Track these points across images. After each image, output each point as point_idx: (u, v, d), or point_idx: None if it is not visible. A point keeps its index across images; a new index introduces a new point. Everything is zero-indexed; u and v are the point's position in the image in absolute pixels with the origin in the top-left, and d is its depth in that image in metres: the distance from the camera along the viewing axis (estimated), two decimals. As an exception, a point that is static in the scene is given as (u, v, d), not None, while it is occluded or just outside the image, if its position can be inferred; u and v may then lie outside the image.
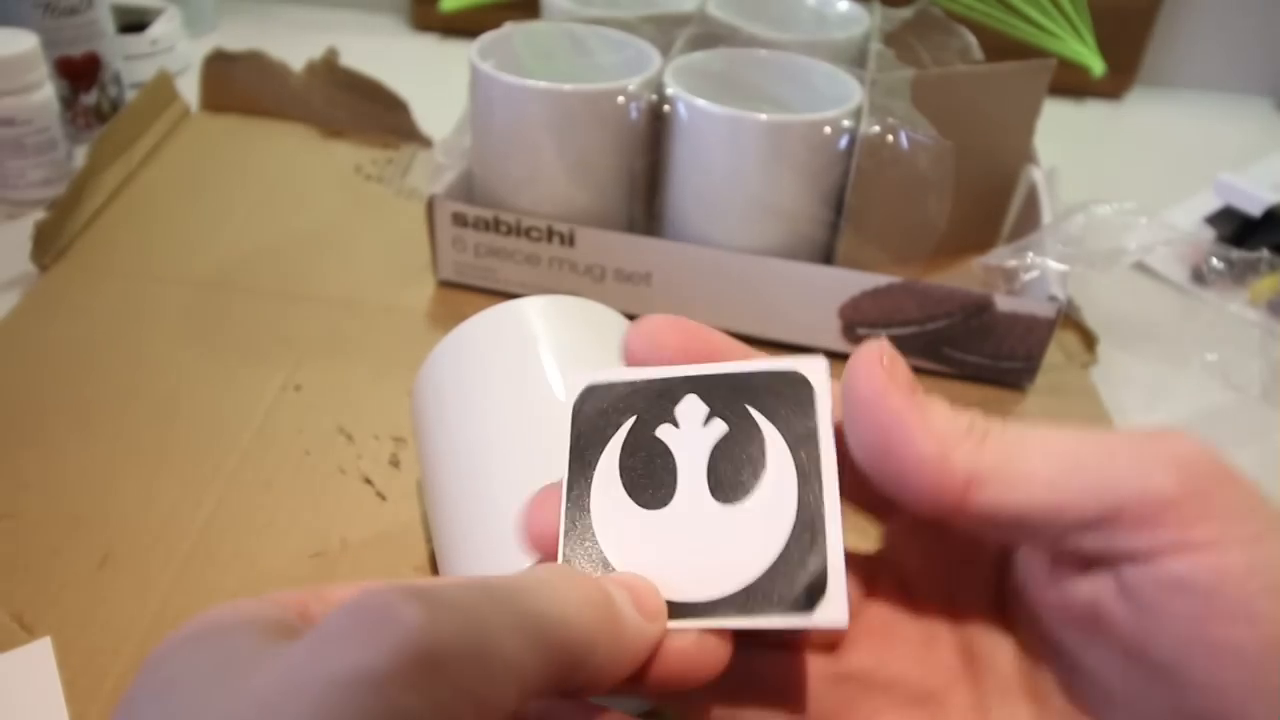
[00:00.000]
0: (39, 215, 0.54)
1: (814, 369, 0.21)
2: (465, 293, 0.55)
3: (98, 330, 0.50)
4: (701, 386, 0.22)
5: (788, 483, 0.20)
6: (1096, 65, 0.76)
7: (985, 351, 0.51)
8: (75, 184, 0.58)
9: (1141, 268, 0.63)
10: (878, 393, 0.20)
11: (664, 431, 0.22)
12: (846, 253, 0.52)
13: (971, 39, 0.62)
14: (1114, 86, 0.88)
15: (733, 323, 0.52)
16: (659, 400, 0.22)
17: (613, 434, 0.22)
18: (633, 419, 0.22)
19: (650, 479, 0.21)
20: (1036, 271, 0.50)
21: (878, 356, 0.20)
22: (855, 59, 0.59)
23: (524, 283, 0.54)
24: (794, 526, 0.20)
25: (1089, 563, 0.19)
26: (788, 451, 0.21)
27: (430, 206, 0.53)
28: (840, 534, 0.20)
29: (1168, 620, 0.18)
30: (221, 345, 0.50)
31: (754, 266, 0.51)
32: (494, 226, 0.52)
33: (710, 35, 0.57)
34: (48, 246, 0.55)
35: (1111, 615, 0.19)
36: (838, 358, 0.52)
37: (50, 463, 0.42)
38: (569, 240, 0.52)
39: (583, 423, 0.22)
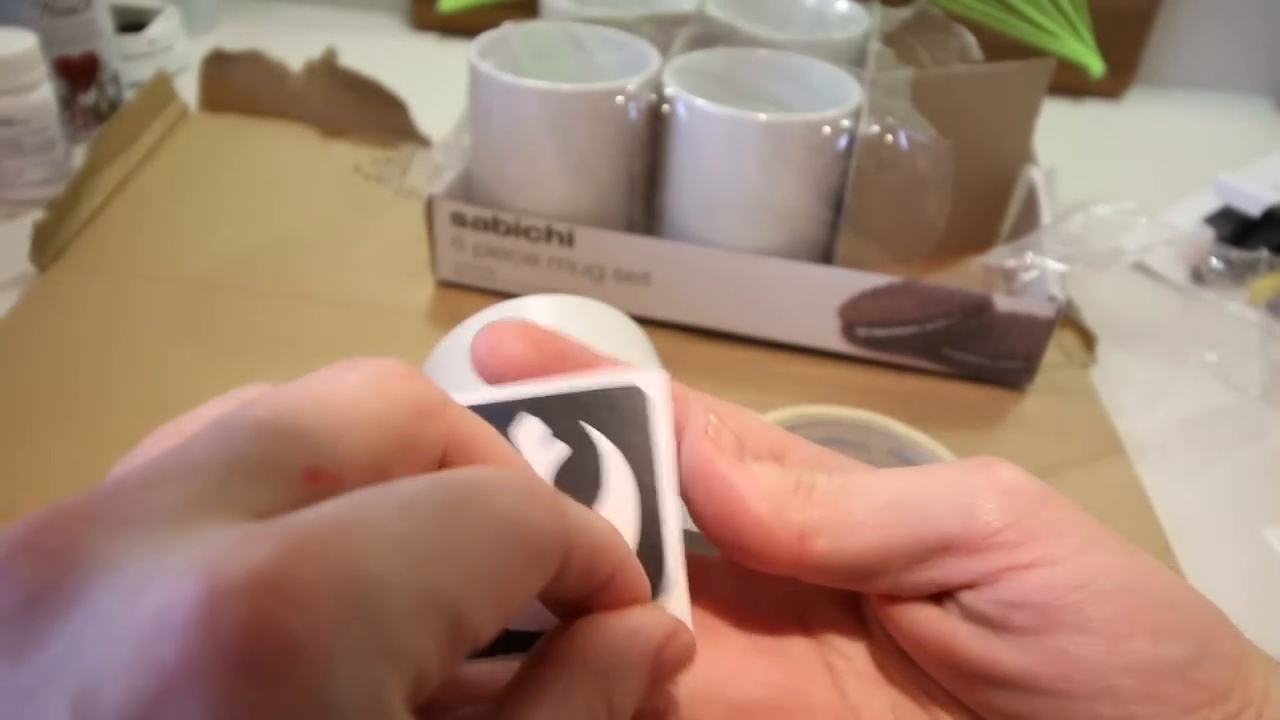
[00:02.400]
0: (37, 215, 0.54)
1: (652, 383, 0.21)
2: (464, 292, 0.55)
3: (96, 330, 0.50)
4: (539, 408, 0.21)
5: (628, 501, 0.20)
6: (1095, 65, 0.76)
7: (984, 351, 0.51)
8: (73, 184, 0.58)
9: (1141, 267, 0.63)
10: (706, 462, 0.20)
11: None
12: (846, 253, 0.52)
13: (971, 39, 0.62)
14: (1113, 86, 0.88)
15: (732, 323, 0.52)
16: (496, 425, 0.20)
17: None
18: None
19: None
20: (1036, 271, 0.50)
21: (702, 428, 0.21)
22: (855, 59, 0.59)
23: (523, 282, 0.53)
24: (636, 547, 0.20)
25: (929, 594, 0.20)
26: (627, 469, 0.20)
27: (429, 206, 0.53)
28: (681, 551, 0.20)
29: (1010, 638, 0.19)
30: (220, 345, 0.50)
31: (753, 266, 0.51)
32: (493, 226, 0.52)
33: (709, 35, 0.57)
34: (46, 246, 0.54)
35: (956, 637, 0.20)
36: (837, 358, 0.53)
37: (48, 463, 0.42)
38: (568, 240, 0.52)
39: None
